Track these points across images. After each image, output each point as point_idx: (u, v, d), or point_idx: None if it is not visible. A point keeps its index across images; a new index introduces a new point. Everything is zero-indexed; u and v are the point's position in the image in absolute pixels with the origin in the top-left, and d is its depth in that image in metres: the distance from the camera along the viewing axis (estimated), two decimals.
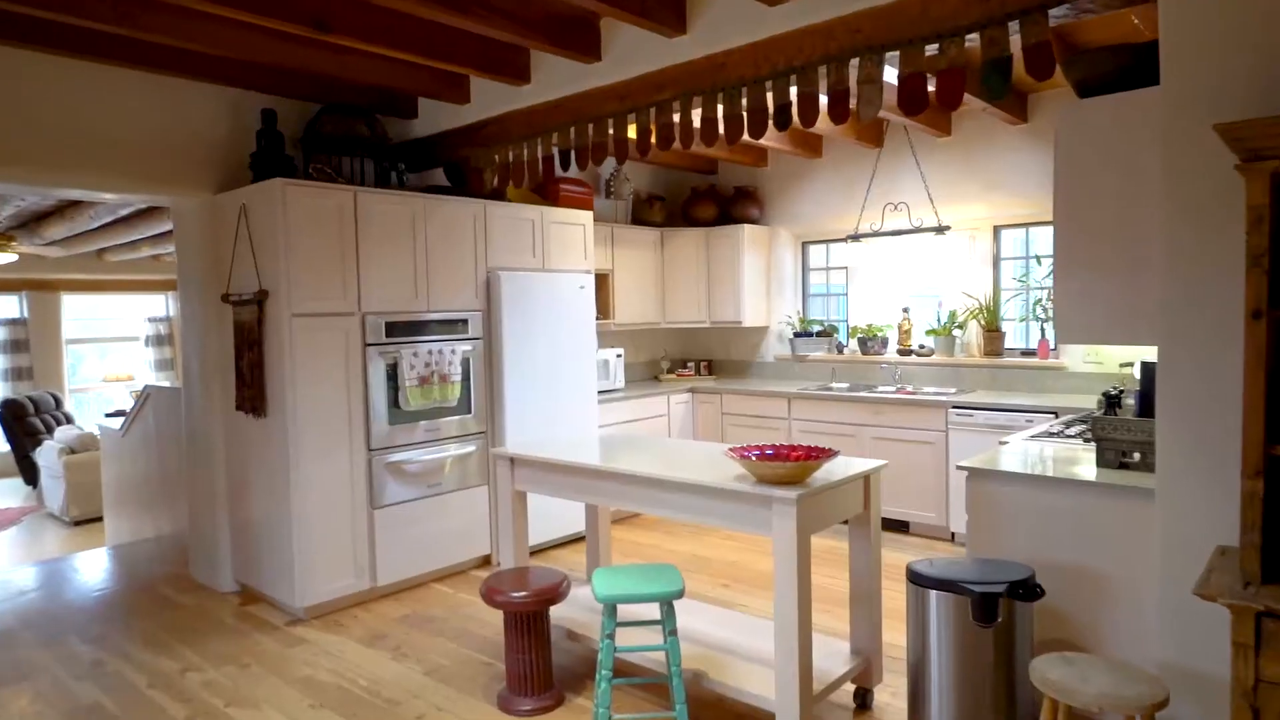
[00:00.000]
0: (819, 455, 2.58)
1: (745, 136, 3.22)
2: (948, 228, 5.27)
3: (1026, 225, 5.33)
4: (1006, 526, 2.76)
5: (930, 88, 2.67)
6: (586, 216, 5.22)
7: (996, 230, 5.44)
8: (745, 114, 3.17)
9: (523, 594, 2.91)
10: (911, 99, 2.71)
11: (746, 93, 3.15)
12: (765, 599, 4.05)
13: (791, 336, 6.30)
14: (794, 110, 3.02)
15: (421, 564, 4.35)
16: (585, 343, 5.10)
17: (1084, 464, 2.79)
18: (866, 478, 2.85)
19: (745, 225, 6.15)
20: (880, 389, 5.55)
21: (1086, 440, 3.22)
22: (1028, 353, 5.31)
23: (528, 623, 2.96)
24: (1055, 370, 5.09)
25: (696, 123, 3.41)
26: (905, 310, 5.78)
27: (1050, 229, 5.37)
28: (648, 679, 2.84)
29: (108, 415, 7.41)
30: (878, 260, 5.76)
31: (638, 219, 6.39)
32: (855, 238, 5.62)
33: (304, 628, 3.85)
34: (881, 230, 5.56)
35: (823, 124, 5.00)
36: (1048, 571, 2.66)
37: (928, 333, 5.64)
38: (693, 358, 6.92)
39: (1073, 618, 2.64)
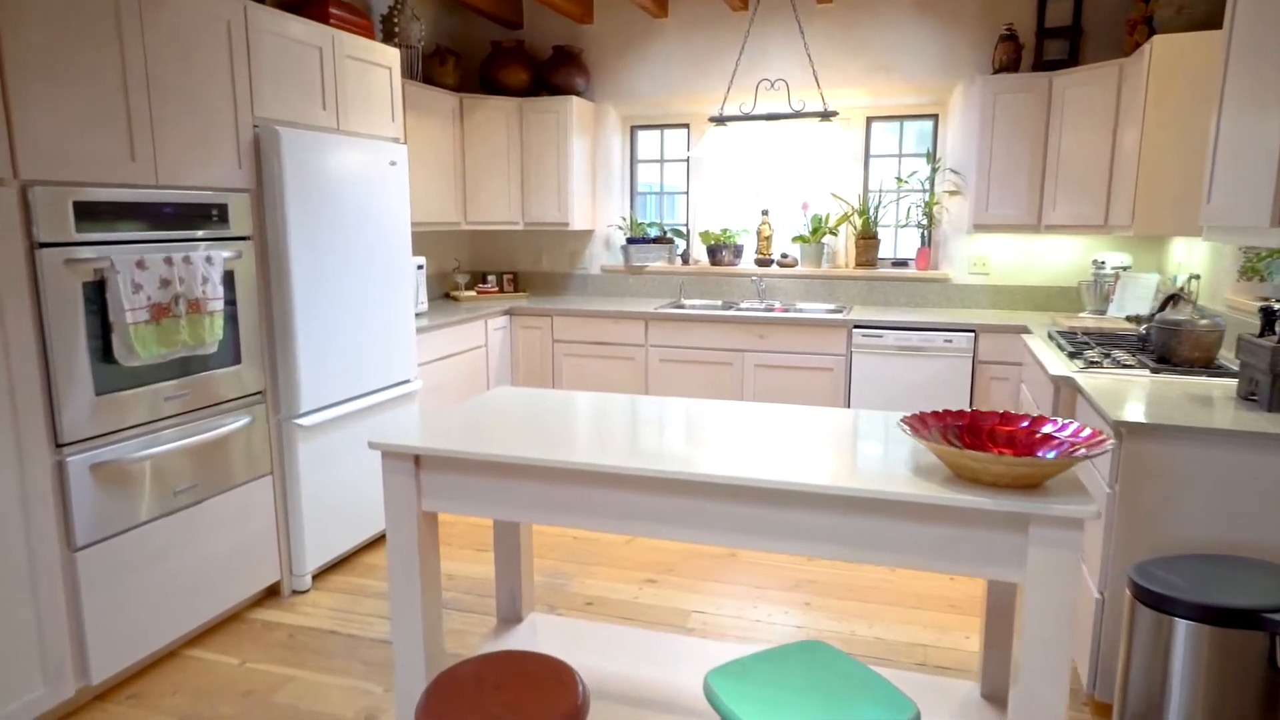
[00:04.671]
0: (1092, 439, 1.53)
1: None
2: (835, 113, 4.43)
3: (902, 118, 4.71)
4: (1180, 504, 2.02)
5: None
6: (392, 55, 3.46)
7: (869, 122, 4.75)
8: None
9: None
10: None
11: None
12: (725, 597, 3.01)
13: (624, 244, 5.13)
14: None
15: (171, 625, 2.56)
16: (399, 248, 3.45)
17: (1217, 406, 2.13)
18: None
19: (573, 98, 4.75)
20: (744, 306, 4.68)
21: (1153, 370, 2.62)
22: (899, 263, 4.78)
23: None
24: (939, 282, 4.62)
25: None
26: (765, 214, 4.92)
27: (931, 123, 4.88)
28: None
29: None
30: (734, 153, 4.78)
31: (426, 78, 4.64)
32: (719, 120, 4.55)
33: None
34: (754, 114, 4.56)
35: None
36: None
37: (794, 240, 4.85)
38: (493, 270, 5.43)
39: None
